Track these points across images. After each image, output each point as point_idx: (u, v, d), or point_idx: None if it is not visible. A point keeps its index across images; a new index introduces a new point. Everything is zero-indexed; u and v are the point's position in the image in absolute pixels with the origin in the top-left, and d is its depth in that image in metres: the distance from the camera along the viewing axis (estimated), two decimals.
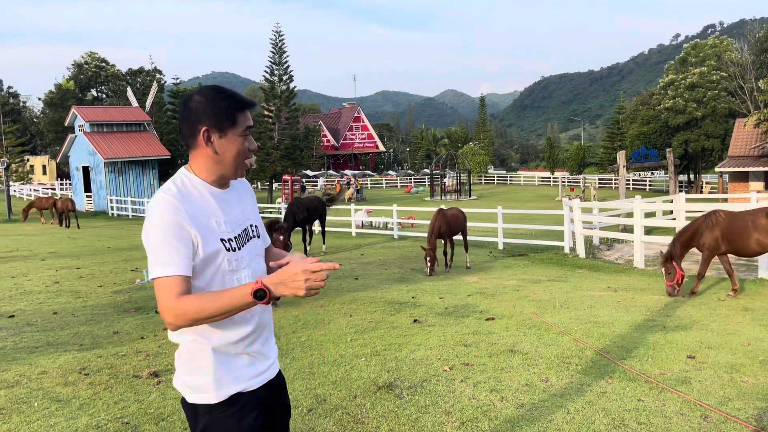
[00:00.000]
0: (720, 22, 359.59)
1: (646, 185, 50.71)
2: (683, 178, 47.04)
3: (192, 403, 2.04)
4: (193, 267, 1.94)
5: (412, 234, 19.84)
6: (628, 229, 16.21)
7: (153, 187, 38.57)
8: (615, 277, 10.96)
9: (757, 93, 36.95)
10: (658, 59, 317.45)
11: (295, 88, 43.44)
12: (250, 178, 45.97)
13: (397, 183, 66.78)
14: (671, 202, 18.50)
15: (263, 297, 1.85)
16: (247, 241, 2.13)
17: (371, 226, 23.61)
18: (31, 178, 51.97)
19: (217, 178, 2.08)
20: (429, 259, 11.42)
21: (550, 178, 63.76)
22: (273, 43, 41.86)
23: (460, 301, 8.66)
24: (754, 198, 16.00)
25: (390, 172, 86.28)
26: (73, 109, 38.41)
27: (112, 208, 35.79)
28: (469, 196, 47.39)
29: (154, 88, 45.10)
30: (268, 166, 41.25)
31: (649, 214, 17.19)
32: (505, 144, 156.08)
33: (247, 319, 2.07)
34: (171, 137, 48.66)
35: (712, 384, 4.80)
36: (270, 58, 42.00)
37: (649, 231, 15.82)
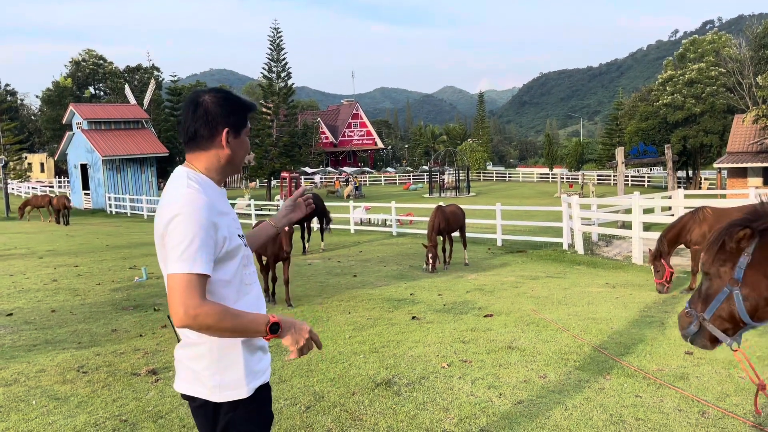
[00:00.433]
0: (718, 18, 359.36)
1: (644, 181, 50.72)
2: (682, 174, 47.06)
3: (216, 403, 2.02)
4: (217, 260, 1.97)
5: (411, 231, 19.84)
6: (626, 225, 16.23)
7: (151, 184, 38.51)
8: (613, 274, 10.97)
9: (755, 89, 36.95)
10: (656, 55, 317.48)
11: (293, 85, 43.34)
12: (248, 175, 45.98)
13: (395, 180, 66.72)
14: (670, 198, 18.52)
15: (276, 331, 1.95)
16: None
17: (370, 223, 23.60)
18: (29, 176, 51.89)
19: (222, 178, 2.13)
20: (431, 256, 11.43)
21: (548, 174, 63.76)
22: (271, 40, 41.77)
23: (459, 297, 8.66)
24: (753, 194, 16.00)
25: (389, 169, 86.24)
26: (70, 107, 38.30)
27: (110, 206, 35.73)
28: (468, 193, 47.38)
29: (152, 85, 44.96)
30: (266, 163, 41.17)
31: (648, 211, 17.20)
32: (503, 140, 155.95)
33: (260, 311, 2.14)
34: (169, 134, 48.60)
35: (710, 380, 4.80)
36: (268, 55, 41.91)
37: (647, 227, 15.82)
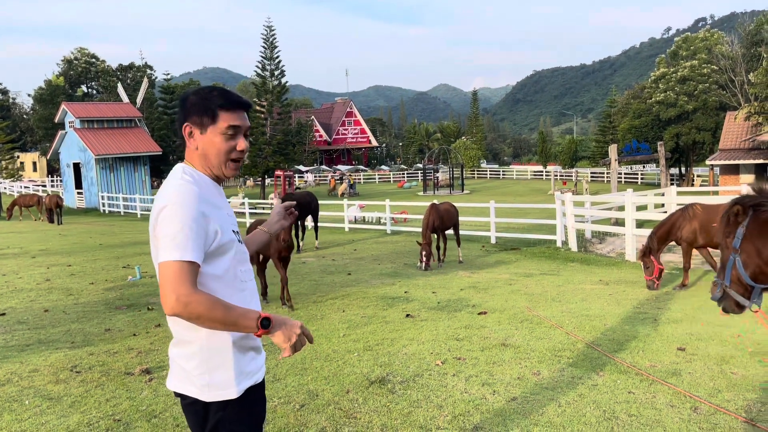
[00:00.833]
0: (711, 16, 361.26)
1: (637, 178, 50.92)
2: (674, 171, 47.26)
3: (206, 402, 2.03)
4: (209, 254, 1.98)
5: (405, 229, 19.85)
6: (619, 222, 16.29)
7: (144, 183, 38.38)
8: (607, 271, 11.01)
9: (747, 86, 37.14)
10: (649, 53, 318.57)
11: (286, 83, 43.24)
12: (241, 174, 45.86)
13: (389, 178, 66.73)
14: (663, 195, 18.59)
15: (267, 326, 1.92)
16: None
17: (364, 221, 23.60)
18: (21, 175, 51.58)
19: (213, 173, 2.12)
20: (425, 254, 11.44)
21: (542, 172, 63.88)
22: (264, 38, 41.66)
23: (453, 295, 8.68)
24: (745, 191, 16.09)
25: (383, 166, 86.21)
26: (63, 106, 38.12)
27: (103, 205, 35.59)
28: (462, 191, 47.44)
29: (145, 83, 44.77)
30: (260, 161, 41.09)
31: (641, 208, 17.25)
32: (497, 138, 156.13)
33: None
34: (162, 133, 48.43)
35: (702, 376, 4.83)
36: (261, 53, 41.80)
37: (640, 224, 15.88)
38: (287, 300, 8.20)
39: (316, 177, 60.08)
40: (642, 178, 50.59)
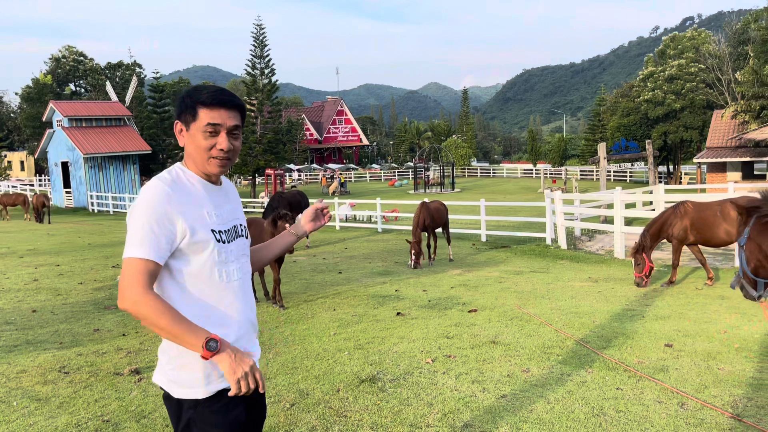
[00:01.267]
0: (698, 15, 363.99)
1: (626, 177, 51.24)
2: (663, 169, 47.62)
3: (177, 398, 2.05)
4: (179, 252, 2.00)
5: (396, 227, 19.86)
6: (608, 220, 16.39)
7: (134, 182, 38.14)
8: (596, 268, 11.08)
9: (734, 84, 37.46)
10: (637, 51, 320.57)
11: (277, 81, 43.12)
12: (231, 173, 45.67)
13: (381, 176, 66.72)
14: (651, 193, 18.72)
15: (213, 349, 1.89)
16: (236, 237, 2.18)
17: (355, 220, 23.60)
18: (8, 174, 51.14)
19: (199, 172, 2.12)
20: (414, 252, 11.46)
21: (532, 170, 64.12)
22: (254, 37, 41.51)
23: (443, 293, 8.70)
24: (731, 188, 16.24)
25: (374, 165, 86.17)
26: (51, 104, 37.77)
27: (92, 204, 35.33)
28: (453, 189, 47.53)
29: (134, 82, 44.46)
30: (250, 160, 40.97)
31: (629, 205, 17.38)
32: (488, 137, 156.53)
33: (234, 315, 2.11)
34: (152, 132, 48.12)
35: (689, 372, 4.88)
36: (251, 51, 41.66)
37: (629, 222, 16.00)
38: (278, 300, 8.19)
39: (301, 177, 59.81)
40: (631, 176, 50.91)
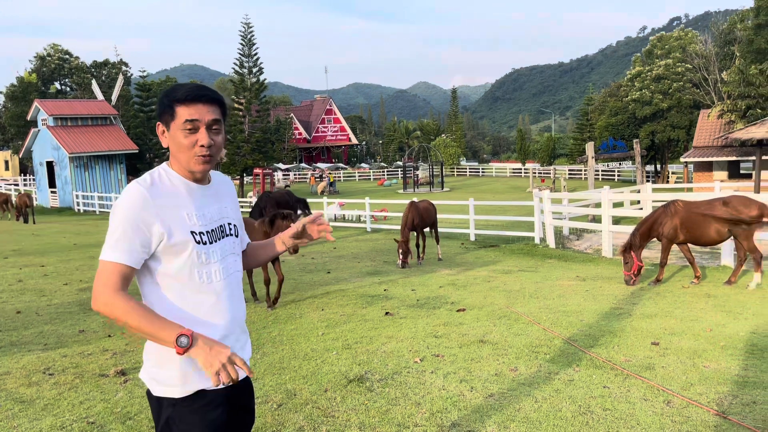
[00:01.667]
0: (685, 15, 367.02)
1: (614, 176, 51.57)
2: (650, 168, 47.97)
3: (157, 396, 2.05)
4: (157, 254, 1.99)
5: (385, 227, 19.85)
6: (596, 219, 16.49)
7: (120, 182, 37.84)
8: (584, 267, 11.14)
9: (720, 84, 37.82)
10: (625, 51, 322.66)
11: (265, 80, 42.95)
12: (221, 172, 45.37)
13: (370, 176, 66.70)
14: (638, 192, 18.86)
15: (184, 345, 1.86)
16: (222, 237, 2.14)
17: (344, 219, 23.56)
18: None
19: (184, 172, 2.08)
20: (402, 252, 11.46)
21: (521, 169, 64.38)
22: (242, 35, 41.33)
23: (432, 292, 8.70)
24: (718, 187, 16.40)
25: (363, 164, 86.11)
26: (35, 103, 37.38)
27: (78, 204, 35.02)
28: (442, 188, 47.60)
29: (120, 80, 44.11)
30: (238, 159, 40.77)
31: (617, 204, 17.50)
32: (477, 136, 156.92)
33: (217, 316, 2.08)
34: (138, 131, 47.72)
35: (675, 369, 4.91)
36: (239, 50, 41.47)
37: (617, 221, 16.11)
38: (269, 300, 8.15)
39: (290, 175, 59.57)
40: (618, 176, 51.24)
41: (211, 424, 2.04)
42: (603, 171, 52.63)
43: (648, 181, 39.86)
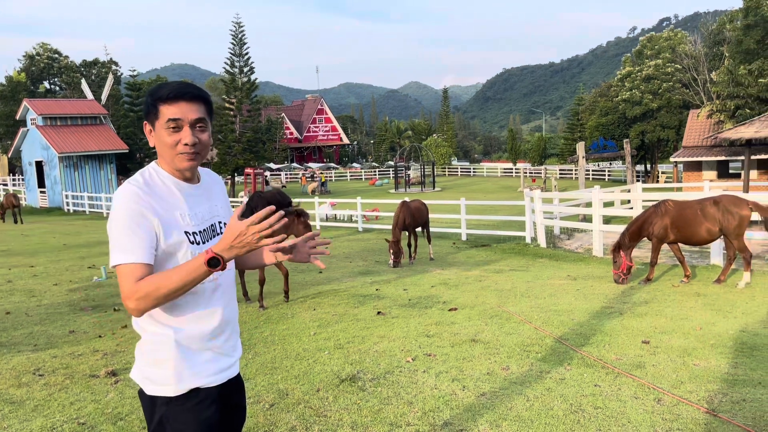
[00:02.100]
0: (675, 15, 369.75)
1: (605, 175, 51.82)
2: (640, 168, 48.26)
3: (150, 395, 2.04)
4: (155, 257, 1.96)
5: (377, 226, 19.85)
6: (587, 218, 16.57)
7: (111, 182, 37.63)
8: (575, 266, 11.19)
9: (709, 84, 38.11)
10: (615, 52, 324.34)
11: (256, 80, 42.84)
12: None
13: (361, 175, 66.67)
14: (629, 191, 18.97)
15: (217, 264, 1.84)
16: (213, 237, 2.13)
17: (335, 219, 23.54)
18: None
19: (173, 171, 2.07)
20: (393, 252, 11.46)
21: (512, 169, 64.59)
22: (233, 35, 41.20)
23: (424, 292, 8.71)
24: (707, 187, 16.51)
25: (354, 164, 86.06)
26: (24, 102, 37.10)
27: (67, 204, 34.78)
28: (433, 188, 47.66)
29: (110, 80, 43.85)
30: (229, 159, 40.64)
31: (608, 204, 17.59)
32: (468, 136, 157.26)
33: (211, 315, 2.09)
34: (128, 131, 47.44)
35: (666, 368, 4.95)
36: (230, 49, 41.34)
37: (607, 220, 16.19)
38: (260, 300, 8.14)
39: (281, 175, 59.40)
40: (609, 175, 51.51)
41: (204, 422, 2.05)
42: (593, 171, 52.89)
43: (638, 180, 40.09)
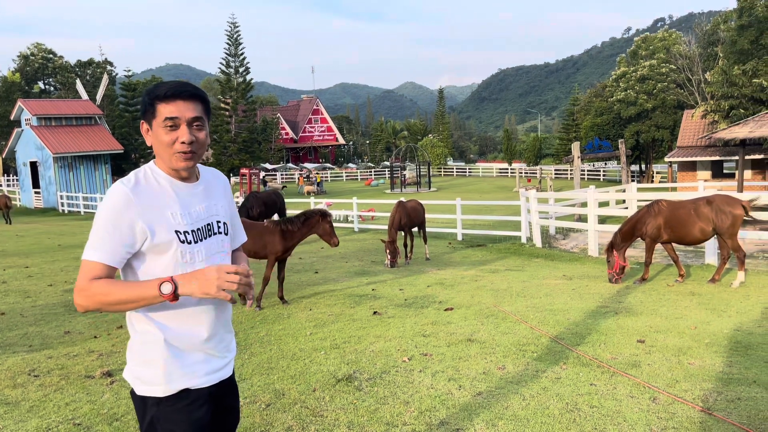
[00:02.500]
0: (669, 16, 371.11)
1: (600, 175, 51.95)
2: (635, 168, 48.39)
3: (141, 395, 2.04)
4: (141, 253, 1.99)
5: (373, 227, 19.86)
6: (582, 218, 16.62)
7: (106, 182, 37.51)
8: (570, 266, 11.22)
9: (704, 85, 38.26)
10: (610, 52, 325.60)
11: (251, 80, 42.82)
12: None
13: (357, 176, 66.65)
14: (624, 191, 19.03)
15: (168, 291, 1.87)
16: (209, 236, 2.11)
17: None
18: None
19: (170, 170, 2.07)
20: (389, 252, 11.47)
21: (507, 169, 64.69)
22: (229, 35, 41.16)
23: (420, 292, 8.72)
24: (702, 187, 16.58)
25: (350, 164, 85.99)
26: (19, 103, 36.97)
27: (62, 205, 34.65)
28: (429, 188, 47.69)
29: (105, 80, 43.72)
30: (225, 159, 40.62)
31: (603, 204, 17.65)
32: (463, 136, 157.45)
33: (202, 315, 2.07)
34: (123, 131, 47.36)
35: (661, 367, 4.97)
36: (226, 49, 41.32)
37: (602, 220, 16.25)
38: (257, 299, 8.12)
39: (276, 176, 59.27)
40: (604, 175, 51.64)
41: (195, 423, 2.04)
42: (589, 171, 53.01)
43: (633, 180, 40.21)
